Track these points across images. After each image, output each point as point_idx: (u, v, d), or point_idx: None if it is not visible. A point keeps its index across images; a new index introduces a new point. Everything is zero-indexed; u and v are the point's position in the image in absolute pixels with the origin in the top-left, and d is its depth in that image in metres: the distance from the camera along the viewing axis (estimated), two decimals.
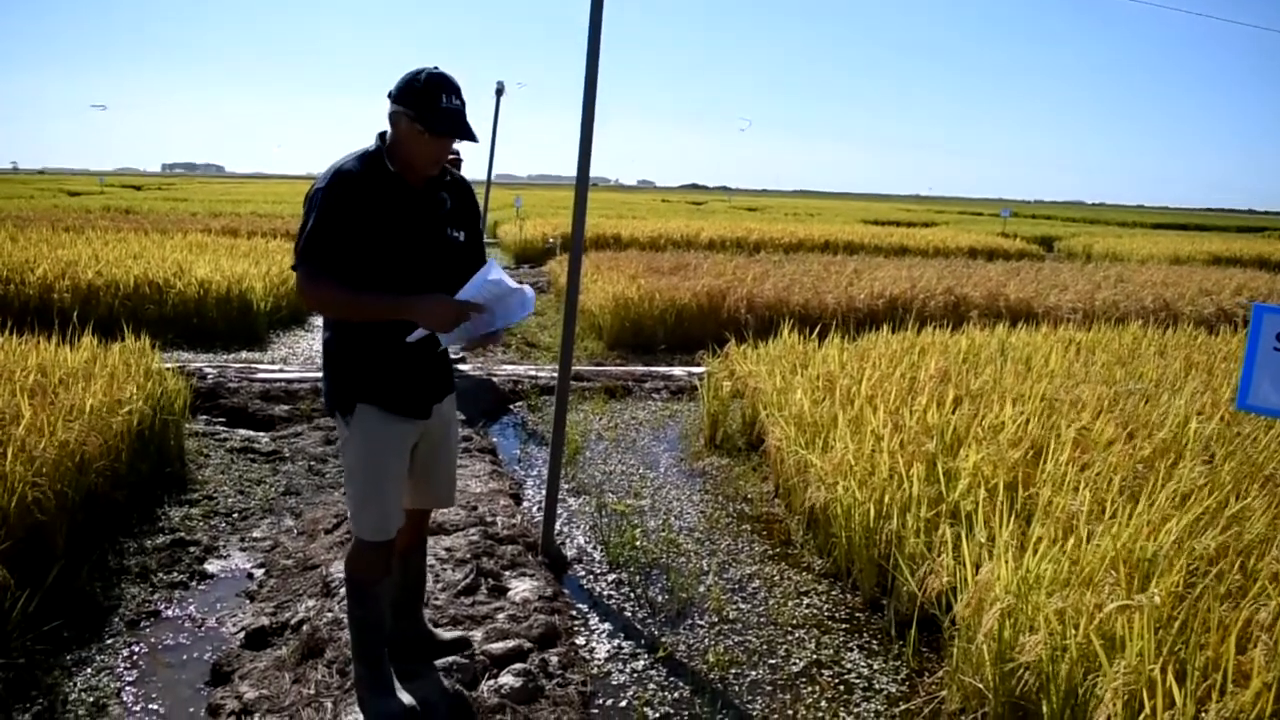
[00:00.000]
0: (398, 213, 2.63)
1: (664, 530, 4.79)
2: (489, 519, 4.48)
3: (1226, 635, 2.60)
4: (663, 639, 3.68)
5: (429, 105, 2.54)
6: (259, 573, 4.21)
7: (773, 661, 3.56)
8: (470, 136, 2.61)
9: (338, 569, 3.85)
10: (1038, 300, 11.39)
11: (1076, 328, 8.49)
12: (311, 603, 3.69)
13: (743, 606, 4.00)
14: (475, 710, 2.93)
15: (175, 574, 4.11)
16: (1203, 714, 2.40)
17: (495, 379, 7.81)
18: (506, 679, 3.08)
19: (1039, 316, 10.40)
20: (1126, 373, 6.19)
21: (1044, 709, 2.77)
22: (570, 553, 4.47)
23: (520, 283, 2.67)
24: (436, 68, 2.60)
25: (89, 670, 3.31)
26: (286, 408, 6.86)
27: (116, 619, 3.68)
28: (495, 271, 2.59)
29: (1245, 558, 3.14)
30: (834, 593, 4.18)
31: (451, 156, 3.65)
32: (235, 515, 4.86)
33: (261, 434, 6.36)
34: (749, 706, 3.25)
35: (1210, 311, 11.53)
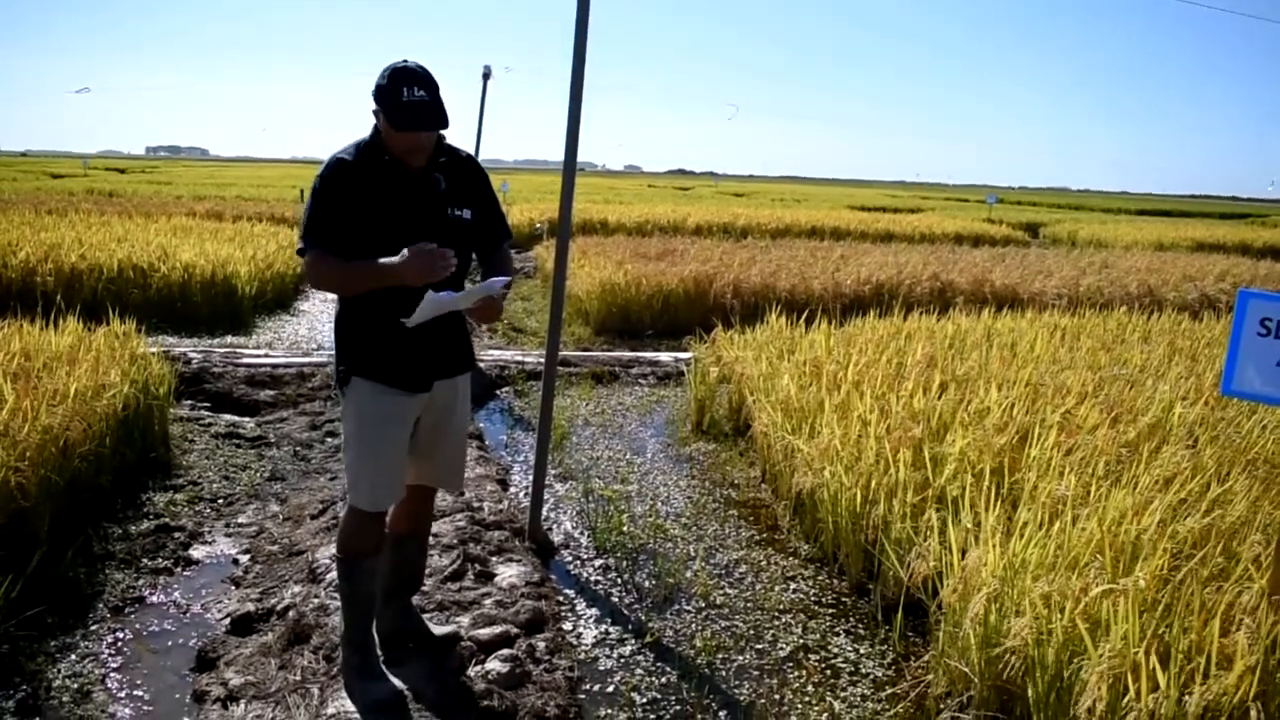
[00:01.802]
0: (392, 195, 2.69)
1: (651, 516, 4.80)
2: (476, 504, 4.48)
3: (1210, 618, 2.62)
4: (650, 624, 3.68)
5: (391, 101, 2.59)
6: (244, 559, 4.19)
7: (760, 646, 3.57)
8: (432, 125, 2.63)
9: (324, 554, 3.84)
10: (1023, 286, 11.42)
11: (1061, 313, 8.52)
12: (298, 589, 3.67)
13: (730, 591, 4.01)
14: (463, 696, 2.93)
15: (160, 560, 4.09)
16: (1186, 697, 2.42)
17: (482, 364, 7.78)
18: (494, 665, 3.08)
19: (1024, 302, 10.43)
20: (1111, 358, 6.22)
21: (1029, 693, 2.79)
22: (557, 538, 4.47)
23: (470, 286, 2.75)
24: (404, 61, 2.63)
25: (73, 657, 3.29)
26: (271, 393, 6.83)
27: (101, 605, 3.66)
28: (435, 296, 2.61)
29: (1228, 541, 3.17)
30: (821, 578, 4.19)
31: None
32: (220, 501, 4.84)
33: (246, 419, 6.33)
34: (736, 691, 3.26)
35: (1194, 297, 11.59)
